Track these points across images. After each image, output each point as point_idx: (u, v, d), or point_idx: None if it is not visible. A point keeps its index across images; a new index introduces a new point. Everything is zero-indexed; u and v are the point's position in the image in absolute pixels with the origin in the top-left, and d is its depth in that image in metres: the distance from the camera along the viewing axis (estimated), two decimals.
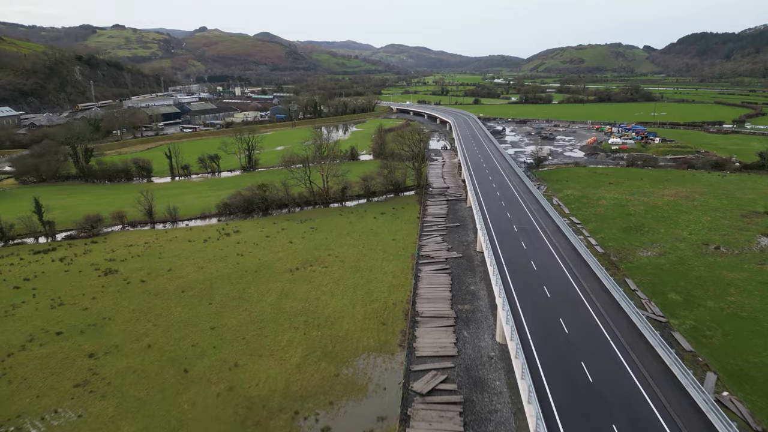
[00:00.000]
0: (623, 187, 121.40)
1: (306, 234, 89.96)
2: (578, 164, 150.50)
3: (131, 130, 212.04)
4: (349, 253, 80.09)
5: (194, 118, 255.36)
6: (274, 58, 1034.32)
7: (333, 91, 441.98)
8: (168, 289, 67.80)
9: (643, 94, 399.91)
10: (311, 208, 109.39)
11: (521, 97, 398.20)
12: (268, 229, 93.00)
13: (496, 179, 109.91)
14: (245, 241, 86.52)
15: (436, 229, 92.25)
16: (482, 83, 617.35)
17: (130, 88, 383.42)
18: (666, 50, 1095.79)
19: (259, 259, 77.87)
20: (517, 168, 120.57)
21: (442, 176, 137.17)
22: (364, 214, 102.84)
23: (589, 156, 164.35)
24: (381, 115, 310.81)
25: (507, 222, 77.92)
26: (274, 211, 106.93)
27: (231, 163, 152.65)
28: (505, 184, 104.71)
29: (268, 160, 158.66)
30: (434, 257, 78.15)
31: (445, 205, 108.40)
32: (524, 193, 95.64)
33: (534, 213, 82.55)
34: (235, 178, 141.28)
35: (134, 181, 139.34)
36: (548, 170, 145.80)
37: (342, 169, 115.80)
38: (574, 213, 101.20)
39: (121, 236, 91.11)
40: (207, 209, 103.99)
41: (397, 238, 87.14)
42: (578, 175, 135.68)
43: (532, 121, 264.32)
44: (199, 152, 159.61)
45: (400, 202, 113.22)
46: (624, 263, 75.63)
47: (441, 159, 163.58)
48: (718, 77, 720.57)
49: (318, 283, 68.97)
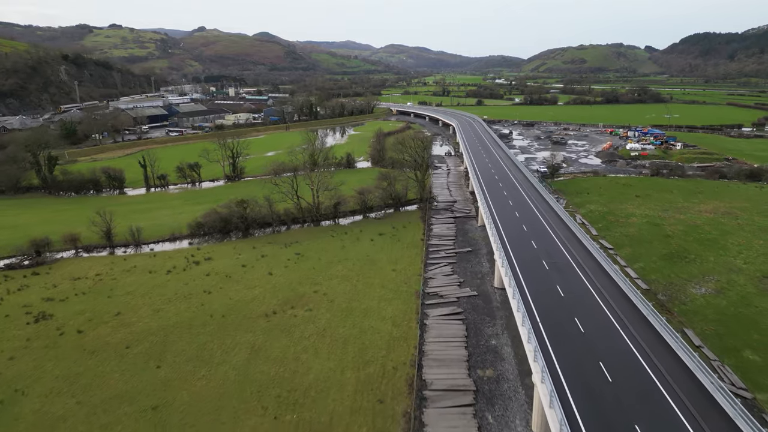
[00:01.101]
0: (652, 201, 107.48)
1: (290, 262, 75.98)
2: (597, 173, 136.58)
3: (112, 133, 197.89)
4: (339, 290, 66.14)
5: (182, 121, 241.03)
6: (272, 58, 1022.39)
7: (331, 91, 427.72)
8: (110, 343, 53.77)
9: (652, 95, 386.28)
10: (299, 227, 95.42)
11: (526, 98, 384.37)
12: (246, 256, 78.97)
13: (511, 193, 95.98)
14: (217, 272, 72.53)
15: (444, 255, 78.32)
16: (483, 84, 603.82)
17: (120, 89, 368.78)
18: (668, 50, 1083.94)
19: (230, 299, 63.87)
20: (533, 179, 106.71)
21: (447, 187, 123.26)
22: (360, 235, 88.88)
23: (607, 163, 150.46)
24: (380, 117, 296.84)
25: (531, 252, 63.96)
26: (257, 230, 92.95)
27: (214, 171, 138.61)
28: (522, 200, 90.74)
29: (256, 168, 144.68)
30: (443, 296, 64.21)
31: (453, 223, 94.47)
32: (547, 213, 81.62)
33: (562, 239, 68.59)
34: (217, 190, 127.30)
35: (105, 192, 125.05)
36: (564, 180, 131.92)
37: (335, 180, 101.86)
38: (603, 234, 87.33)
39: (71, 265, 77.03)
40: (178, 229, 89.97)
41: (398, 268, 73.21)
42: (599, 186, 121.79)
43: (539, 124, 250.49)
44: (184, 158, 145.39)
45: (401, 219, 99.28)
46: (676, 304, 61.73)
47: (445, 167, 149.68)
48: (723, 78, 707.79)
49: (299, 334, 55.00)
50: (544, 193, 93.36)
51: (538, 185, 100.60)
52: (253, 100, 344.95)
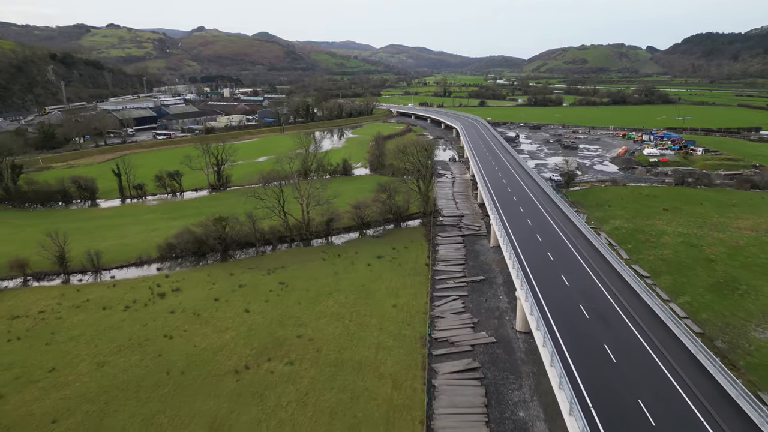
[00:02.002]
0: (683, 215, 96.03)
1: (272, 295, 64.50)
2: (615, 182, 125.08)
3: (94, 137, 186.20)
4: (329, 333, 54.70)
5: (171, 123, 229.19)
6: (271, 58, 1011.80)
7: (330, 92, 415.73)
8: (33, 414, 42.27)
9: (660, 96, 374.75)
10: (286, 248, 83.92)
11: (530, 99, 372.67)
12: (221, 286, 67.47)
13: (528, 208, 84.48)
14: (184, 308, 61.04)
15: (453, 285, 66.87)
16: (485, 84, 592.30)
17: (111, 89, 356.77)
18: (670, 50, 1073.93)
19: (195, 346, 52.41)
20: (550, 190, 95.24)
21: (453, 198, 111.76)
22: (355, 258, 77.42)
23: (625, 171, 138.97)
24: (380, 119, 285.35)
25: (562, 289, 52.50)
26: (238, 251, 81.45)
27: (197, 179, 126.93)
28: (541, 218, 79.25)
29: (245, 176, 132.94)
30: (455, 342, 52.76)
31: (461, 243, 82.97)
32: (573, 235, 70.06)
33: (598, 272, 57.07)
34: (199, 201, 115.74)
35: (75, 204, 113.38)
36: (581, 189, 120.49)
37: (328, 193, 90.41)
38: (635, 257, 75.91)
39: (15, 298, 65.48)
40: (147, 251, 78.43)
41: (400, 303, 61.75)
42: (620, 197, 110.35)
43: (546, 127, 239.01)
44: (168, 164, 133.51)
45: (402, 237, 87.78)
46: (741, 355, 50.35)
47: (449, 174, 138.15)
48: (727, 78, 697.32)
49: (275, 400, 43.51)
50: (566, 208, 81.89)
51: (556, 198, 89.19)
52: (248, 101, 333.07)
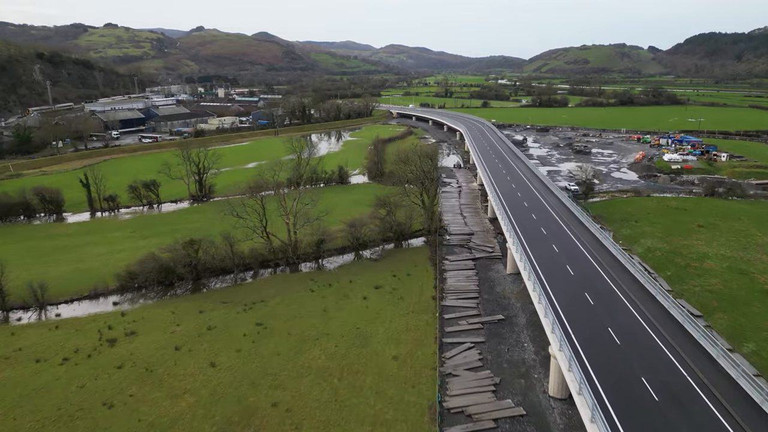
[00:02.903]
0: (722, 233, 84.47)
1: (246, 340, 53.02)
2: (639, 192, 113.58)
3: (75, 141, 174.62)
4: (312, 399, 43.20)
5: (159, 125, 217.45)
6: (270, 57, 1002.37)
7: (328, 92, 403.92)
8: None
9: (668, 96, 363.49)
10: (270, 273, 72.43)
11: (534, 99, 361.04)
12: (187, 328, 55.97)
13: (548, 226, 72.94)
14: (136, 360, 49.55)
15: (466, 328, 55.39)
16: (487, 84, 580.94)
17: (101, 89, 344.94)
18: (673, 51, 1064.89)
19: (140, 420, 40.87)
20: (571, 204, 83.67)
21: (460, 211, 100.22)
22: (349, 288, 65.89)
23: (646, 179, 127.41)
24: (379, 121, 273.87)
25: (607, 343, 41.00)
26: (213, 279, 69.95)
27: (177, 189, 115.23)
28: (566, 239, 67.64)
29: (231, 185, 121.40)
30: (473, 415, 41.24)
31: (473, 269, 71.48)
32: (610, 266, 58.34)
33: (645, 313, 45.59)
34: (178, 215, 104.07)
35: (38, 219, 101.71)
36: (602, 201, 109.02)
37: (320, 209, 78.92)
38: (678, 288, 64.37)
39: None
40: (105, 279, 66.89)
41: (402, 353, 50.27)
42: (646, 210, 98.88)
43: (555, 129, 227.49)
44: (153, 170, 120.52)
45: (403, 260, 76.27)
46: None
47: (455, 182, 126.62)
48: (732, 78, 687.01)
49: None
50: (592, 226, 70.33)
51: (578, 213, 77.67)
52: (243, 101, 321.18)
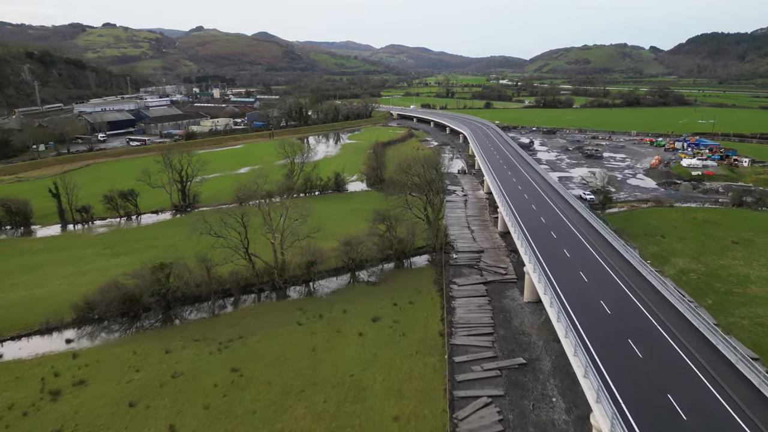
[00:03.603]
0: (759, 250, 75.48)
1: (217, 393, 44.02)
2: (660, 202, 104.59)
3: (57, 144, 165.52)
4: None
5: (150, 127, 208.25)
6: (270, 57, 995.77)
7: (327, 92, 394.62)
8: None
9: (675, 97, 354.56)
10: (252, 300, 63.43)
11: (538, 100, 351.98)
12: (148, 375, 46.95)
13: (570, 244, 63.83)
14: (79, 421, 40.52)
15: (481, 375, 46.40)
16: (488, 84, 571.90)
17: (93, 90, 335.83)
18: (674, 51, 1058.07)
19: None
20: (589, 214, 74.65)
21: (467, 224, 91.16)
22: (343, 321, 56.90)
23: (665, 187, 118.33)
24: (379, 123, 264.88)
25: (658, 398, 31.99)
26: (187, 308, 60.92)
27: (159, 199, 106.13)
28: (593, 262, 58.53)
29: (219, 193, 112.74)
30: None
31: (485, 296, 62.46)
32: (649, 298, 49.34)
33: (693, 356, 36.55)
34: (157, 228, 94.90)
35: (4, 232, 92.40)
36: (621, 212, 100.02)
37: (312, 225, 69.91)
38: (723, 321, 55.25)
39: None
40: (62, 310, 57.84)
41: (404, 413, 41.27)
42: (672, 224, 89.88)
43: (562, 131, 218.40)
44: (138, 175, 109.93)
45: (405, 283, 67.27)
46: None
47: (460, 190, 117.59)
48: (737, 79, 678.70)
49: None
50: (626, 250, 61.30)
51: (600, 227, 68.72)
52: (238, 102, 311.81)
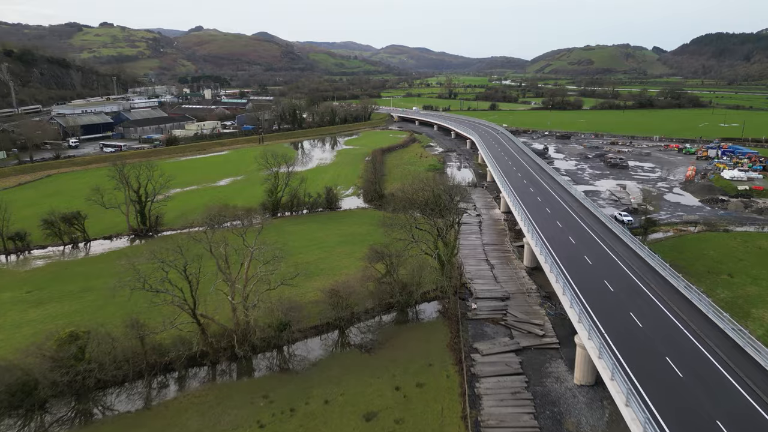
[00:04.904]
0: None
1: None
2: (711, 225, 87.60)
3: (21, 152, 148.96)
4: None
5: (129, 131, 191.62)
6: (269, 57, 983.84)
7: (325, 93, 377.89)
8: None
9: (690, 99, 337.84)
10: (204, 377, 46.81)
11: (546, 101, 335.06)
12: None
13: (629, 295, 47.07)
14: None
15: None
16: (491, 85, 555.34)
17: (78, 90, 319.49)
18: (678, 51, 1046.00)
19: None
20: (639, 245, 57.96)
21: (485, 256, 74.34)
22: (323, 420, 40.15)
23: (710, 205, 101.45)
24: (379, 126, 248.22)
25: None
26: (113, 390, 44.37)
27: (115, 221, 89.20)
28: (668, 329, 41.90)
29: (190, 211, 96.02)
30: None
31: (520, 374, 45.82)
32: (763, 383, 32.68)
33: None
34: (107, 259, 77.23)
35: None
36: (667, 238, 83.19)
37: (283, 273, 53.31)
38: None
39: None
40: None
41: None
42: (733, 255, 73.30)
43: (576, 136, 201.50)
44: (109, 186, 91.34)
45: (410, 349, 50.59)
46: None
47: (472, 209, 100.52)
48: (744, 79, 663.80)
49: None
50: (708, 308, 44.67)
51: (658, 265, 52.12)
52: (230, 104, 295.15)
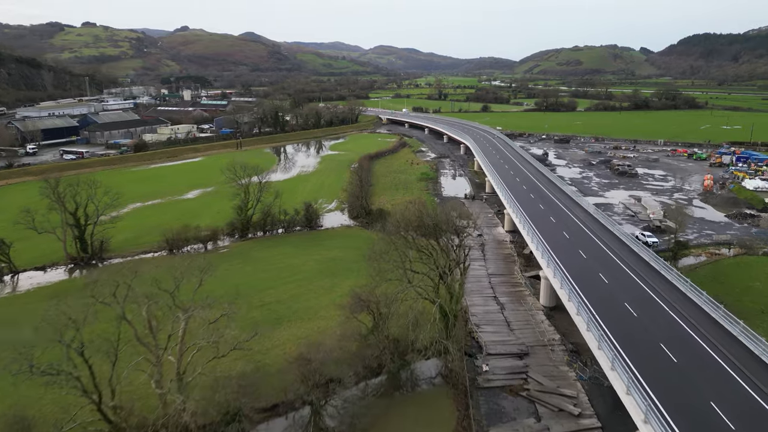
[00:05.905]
0: None
1: None
2: (748, 247, 75.94)
3: None
4: None
5: (96, 135, 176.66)
6: (255, 58, 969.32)
7: (311, 94, 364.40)
8: None
9: (686, 100, 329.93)
10: None
11: (539, 103, 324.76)
12: None
13: (683, 352, 34.99)
14: None
15: None
16: (481, 86, 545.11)
17: (49, 91, 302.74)
18: (666, 52, 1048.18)
19: None
20: (678, 278, 46.11)
21: (492, 292, 62.00)
22: None
23: (738, 220, 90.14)
24: (367, 129, 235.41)
25: None
26: None
27: (50, 248, 75.24)
28: (737, 391, 29.83)
29: (151, 229, 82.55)
30: None
31: None
32: None
33: None
34: (29, 299, 63.52)
35: None
36: (701, 264, 71.52)
37: (235, 334, 40.42)
38: None
39: None
40: None
41: None
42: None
43: (576, 139, 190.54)
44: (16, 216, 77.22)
45: None
46: None
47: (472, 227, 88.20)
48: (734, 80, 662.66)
49: None
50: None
51: (706, 305, 40.15)
52: (210, 105, 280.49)
